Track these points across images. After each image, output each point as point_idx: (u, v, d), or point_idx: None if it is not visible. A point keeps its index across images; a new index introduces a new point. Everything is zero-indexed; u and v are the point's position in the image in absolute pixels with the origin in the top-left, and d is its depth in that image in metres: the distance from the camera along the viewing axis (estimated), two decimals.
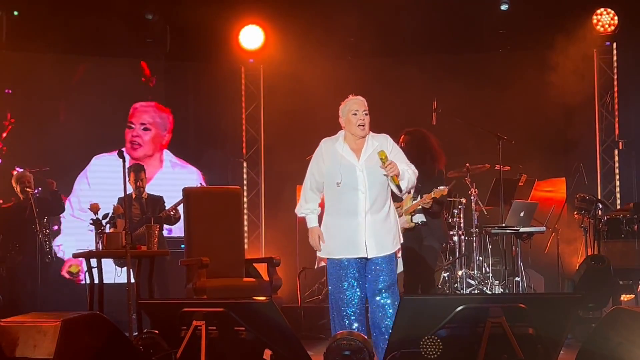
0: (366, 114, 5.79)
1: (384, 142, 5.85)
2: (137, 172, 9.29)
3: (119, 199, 8.83)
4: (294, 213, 10.92)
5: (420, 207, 7.15)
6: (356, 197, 5.71)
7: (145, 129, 11.27)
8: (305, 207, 5.87)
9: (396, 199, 6.28)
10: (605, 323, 4.96)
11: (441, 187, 7.08)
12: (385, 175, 5.67)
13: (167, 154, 11.38)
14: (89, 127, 10.83)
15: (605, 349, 4.76)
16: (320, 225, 5.87)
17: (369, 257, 5.74)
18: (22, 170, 9.53)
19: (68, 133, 10.77)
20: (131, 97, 11.29)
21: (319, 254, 5.93)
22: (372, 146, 5.79)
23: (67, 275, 6.80)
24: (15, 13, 10.36)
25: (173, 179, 11.04)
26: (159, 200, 9.31)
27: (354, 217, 5.72)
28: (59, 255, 10.18)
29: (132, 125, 11.25)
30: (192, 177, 11.34)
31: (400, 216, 7.19)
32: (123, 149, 6.88)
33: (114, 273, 8.35)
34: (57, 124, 10.84)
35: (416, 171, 5.91)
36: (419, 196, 7.17)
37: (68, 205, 10.48)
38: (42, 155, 10.39)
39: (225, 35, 11.16)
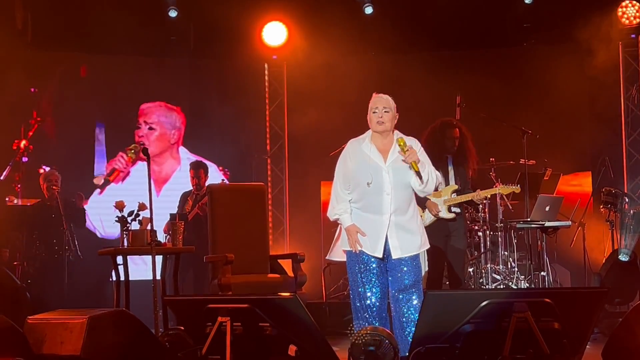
0: (386, 112, 5.72)
1: (412, 146, 5.76)
2: (195, 169, 9.55)
3: (183, 193, 9.48)
4: (318, 209, 10.97)
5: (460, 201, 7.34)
6: (381, 198, 5.70)
7: (150, 129, 11.28)
8: (338, 208, 5.81)
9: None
10: (632, 317, 4.93)
11: (513, 187, 7.45)
12: (404, 161, 5.63)
13: (183, 152, 11.37)
14: (111, 126, 10.91)
15: (632, 343, 4.73)
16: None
17: (393, 257, 5.73)
18: (49, 169, 9.63)
19: (92, 133, 10.86)
20: (155, 96, 11.33)
21: (342, 246, 5.91)
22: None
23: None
24: None
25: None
26: None
27: (377, 218, 5.72)
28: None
29: (139, 126, 11.27)
30: (211, 171, 11.33)
31: (436, 213, 7.21)
32: (147, 147, 6.90)
33: (141, 269, 8.42)
34: (82, 123, 10.90)
35: (440, 175, 5.91)
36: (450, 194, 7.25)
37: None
38: (68, 154, 10.48)
39: (249, 32, 11.18)
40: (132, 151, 6.77)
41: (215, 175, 11.13)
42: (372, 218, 5.73)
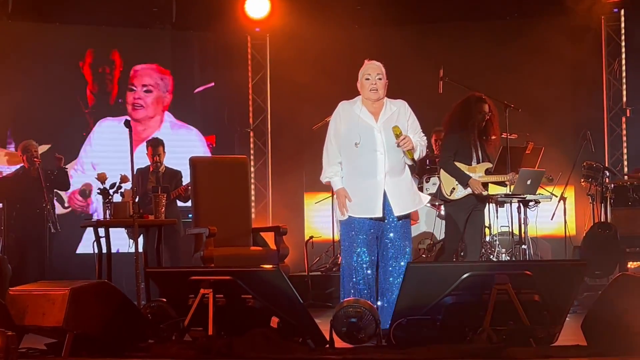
0: (379, 79, 5.76)
1: (402, 108, 5.85)
2: (154, 147, 9.28)
3: (137, 169, 9.00)
4: (301, 182, 10.95)
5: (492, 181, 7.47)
6: (375, 158, 5.69)
7: (147, 91, 11.20)
8: (329, 171, 5.80)
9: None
10: (611, 290, 4.98)
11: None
12: (399, 147, 5.66)
13: (167, 116, 11.32)
14: (97, 94, 10.89)
15: (611, 316, 4.77)
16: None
17: (395, 214, 5.70)
18: (27, 140, 9.54)
19: (72, 100, 10.81)
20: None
21: (339, 217, 5.88)
22: (391, 110, 5.79)
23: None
24: None
25: (174, 140, 10.77)
26: (176, 175, 9.26)
27: (372, 178, 5.69)
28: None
29: (134, 88, 11.16)
30: (192, 136, 11.32)
31: (480, 192, 7.22)
32: (129, 119, 6.88)
33: (124, 242, 8.40)
34: (62, 93, 10.82)
35: (426, 142, 5.92)
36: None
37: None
38: (48, 124, 10.45)
39: (231, 4, 11.12)
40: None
41: (201, 150, 11.10)
42: (366, 182, 5.70)
